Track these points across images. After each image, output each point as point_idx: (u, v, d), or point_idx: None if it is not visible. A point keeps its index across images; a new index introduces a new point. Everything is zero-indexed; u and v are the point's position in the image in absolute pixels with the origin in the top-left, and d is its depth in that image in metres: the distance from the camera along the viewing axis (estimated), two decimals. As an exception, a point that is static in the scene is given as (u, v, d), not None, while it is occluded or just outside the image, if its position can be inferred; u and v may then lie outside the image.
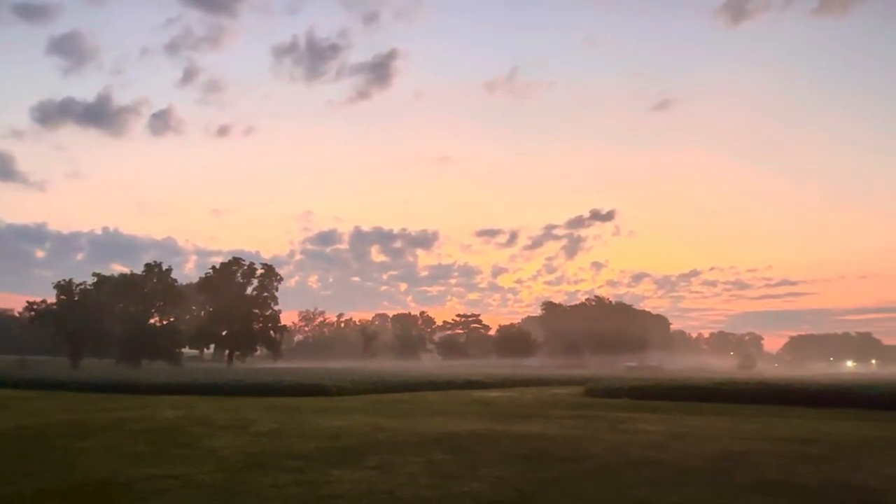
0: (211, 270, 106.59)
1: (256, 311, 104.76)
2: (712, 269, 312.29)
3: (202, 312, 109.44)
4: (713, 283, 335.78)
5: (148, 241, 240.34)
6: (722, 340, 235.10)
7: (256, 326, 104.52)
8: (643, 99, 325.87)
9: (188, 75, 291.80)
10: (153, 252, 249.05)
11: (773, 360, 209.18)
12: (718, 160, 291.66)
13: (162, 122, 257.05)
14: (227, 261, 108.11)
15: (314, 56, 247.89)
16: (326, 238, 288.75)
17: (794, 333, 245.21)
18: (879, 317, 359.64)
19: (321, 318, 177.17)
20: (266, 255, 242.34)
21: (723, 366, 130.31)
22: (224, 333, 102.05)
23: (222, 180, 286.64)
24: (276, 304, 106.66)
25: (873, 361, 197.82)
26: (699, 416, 21.27)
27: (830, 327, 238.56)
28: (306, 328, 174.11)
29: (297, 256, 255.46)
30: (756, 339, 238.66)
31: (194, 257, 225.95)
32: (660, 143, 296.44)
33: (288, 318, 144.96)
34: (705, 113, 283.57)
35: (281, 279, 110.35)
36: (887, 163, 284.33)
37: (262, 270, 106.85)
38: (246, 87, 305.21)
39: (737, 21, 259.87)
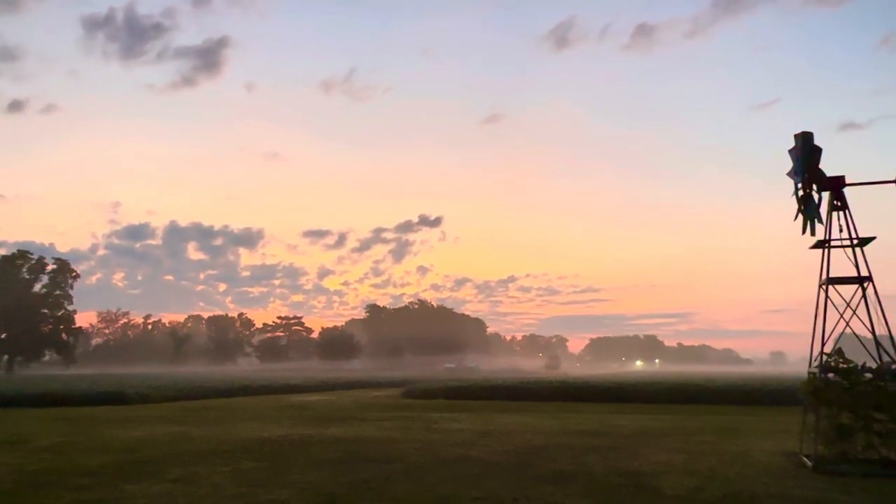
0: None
1: (45, 311, 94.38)
2: (527, 275, 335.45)
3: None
4: (528, 289, 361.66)
5: None
6: (533, 342, 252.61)
7: (45, 328, 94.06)
8: (474, 111, 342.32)
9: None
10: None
11: (576, 360, 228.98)
12: (538, 173, 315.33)
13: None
14: (10, 253, 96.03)
15: (133, 34, 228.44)
16: (136, 232, 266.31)
17: (594, 336, 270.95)
18: (663, 321, 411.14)
19: (125, 320, 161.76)
20: (62, 249, 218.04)
21: (532, 366, 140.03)
22: (3, 336, 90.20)
23: (11, 161, 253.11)
24: (71, 303, 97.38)
25: (657, 361, 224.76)
26: (507, 414, 22.69)
27: (624, 330, 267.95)
28: (106, 330, 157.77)
29: (101, 251, 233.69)
30: (562, 341, 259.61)
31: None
32: (487, 155, 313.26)
33: (85, 318, 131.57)
34: (529, 129, 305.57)
35: (77, 276, 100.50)
36: (674, 186, 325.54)
37: (55, 265, 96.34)
38: (47, 60, 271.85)
39: (560, 47, 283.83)
